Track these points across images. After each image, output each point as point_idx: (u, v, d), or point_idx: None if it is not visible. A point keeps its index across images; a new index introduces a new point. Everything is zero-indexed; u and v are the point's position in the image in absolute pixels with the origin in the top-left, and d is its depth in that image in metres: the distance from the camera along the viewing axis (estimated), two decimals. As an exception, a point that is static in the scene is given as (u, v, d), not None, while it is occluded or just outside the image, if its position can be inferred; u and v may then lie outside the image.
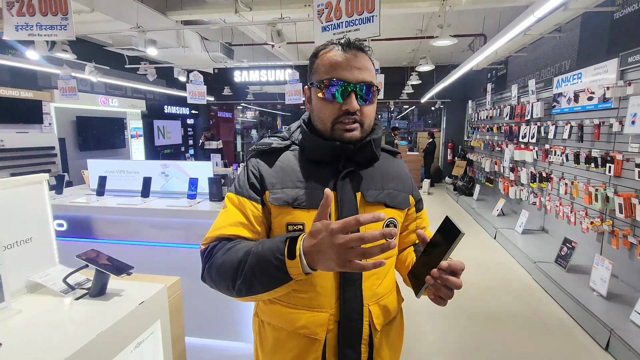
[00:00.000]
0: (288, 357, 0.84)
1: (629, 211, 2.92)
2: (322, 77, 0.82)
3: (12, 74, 5.30)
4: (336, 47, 0.83)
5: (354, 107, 0.80)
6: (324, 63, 0.83)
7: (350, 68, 0.80)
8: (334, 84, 0.80)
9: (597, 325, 2.59)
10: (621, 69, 3.08)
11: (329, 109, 0.82)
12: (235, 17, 4.22)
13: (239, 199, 0.87)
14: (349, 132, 0.83)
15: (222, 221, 0.86)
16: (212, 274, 0.80)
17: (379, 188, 0.88)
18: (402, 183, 0.94)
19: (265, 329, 0.89)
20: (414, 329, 2.76)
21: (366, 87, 0.81)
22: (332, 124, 0.83)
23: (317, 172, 0.86)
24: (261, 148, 0.91)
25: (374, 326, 0.85)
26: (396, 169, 0.96)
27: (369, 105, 0.84)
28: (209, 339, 2.32)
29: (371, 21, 2.03)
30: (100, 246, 1.54)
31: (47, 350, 0.76)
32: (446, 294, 0.73)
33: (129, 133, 7.73)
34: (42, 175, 1.09)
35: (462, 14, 5.20)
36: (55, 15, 2.57)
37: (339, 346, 0.82)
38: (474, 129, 7.91)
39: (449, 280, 0.70)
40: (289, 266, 0.68)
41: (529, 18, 2.74)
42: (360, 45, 0.83)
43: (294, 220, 0.83)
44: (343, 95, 0.80)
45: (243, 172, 0.91)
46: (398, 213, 0.91)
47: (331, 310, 0.82)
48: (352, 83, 0.80)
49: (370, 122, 0.86)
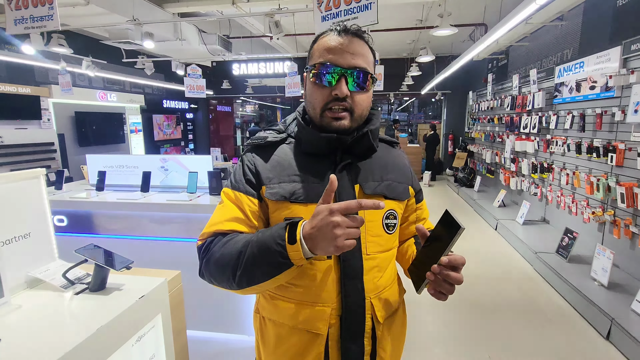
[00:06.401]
0: (290, 353, 0.83)
1: (631, 201, 2.91)
2: (315, 62, 0.81)
3: (9, 69, 5.26)
4: (333, 32, 0.81)
5: (343, 91, 0.78)
6: (319, 48, 0.82)
7: (342, 52, 0.78)
8: (325, 69, 0.78)
9: (598, 314, 2.59)
10: (624, 57, 3.04)
11: (319, 93, 0.81)
12: (232, 8, 4.16)
13: (235, 194, 0.86)
14: (337, 121, 0.81)
15: (219, 216, 0.85)
16: (210, 268, 0.79)
17: (377, 180, 0.87)
18: (401, 174, 0.93)
19: (267, 325, 0.88)
20: (415, 319, 2.77)
21: (360, 73, 0.79)
22: (321, 109, 0.82)
23: (313, 165, 0.85)
24: (256, 142, 0.89)
25: (377, 319, 0.84)
26: (395, 159, 0.95)
27: (361, 93, 0.81)
28: (210, 332, 2.33)
29: (369, 8, 2.00)
30: (101, 241, 1.54)
31: (47, 345, 0.75)
32: (447, 289, 0.73)
33: (128, 128, 7.70)
34: (39, 170, 1.08)
35: (463, 3, 5.13)
36: (44, 5, 2.58)
37: (342, 340, 0.81)
38: (475, 120, 7.87)
39: (450, 276, 0.70)
40: (289, 251, 0.68)
41: (531, 6, 2.69)
42: (357, 31, 0.81)
43: (292, 215, 0.81)
44: (333, 79, 0.78)
45: (239, 167, 0.90)
46: (398, 204, 0.90)
47: (333, 305, 0.81)
48: (343, 67, 0.78)
49: (362, 112, 0.84)
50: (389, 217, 0.87)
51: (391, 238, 0.88)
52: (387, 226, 0.86)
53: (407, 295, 0.98)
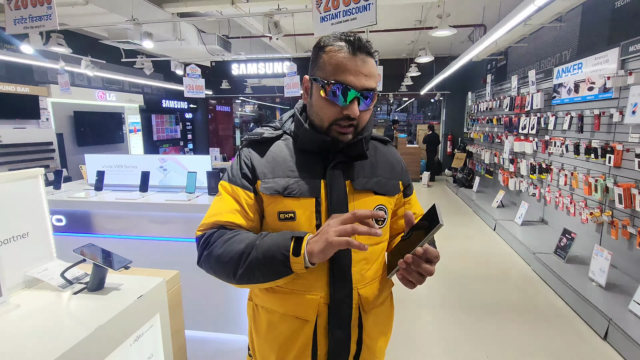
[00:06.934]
0: (280, 338, 0.87)
1: (629, 201, 2.92)
2: (328, 77, 0.80)
3: (8, 68, 5.25)
4: (346, 47, 0.80)
5: (355, 113, 0.81)
6: (332, 62, 0.81)
7: (357, 74, 0.79)
8: (340, 88, 0.79)
9: (596, 315, 2.60)
10: (622, 58, 3.05)
11: (329, 109, 0.83)
12: (231, 8, 4.16)
13: (232, 187, 0.89)
14: (343, 135, 0.85)
15: (218, 208, 0.88)
16: (211, 262, 0.83)
17: (368, 176, 0.90)
18: (392, 170, 0.96)
19: (259, 312, 0.92)
20: (414, 319, 2.78)
21: (370, 94, 0.82)
22: (329, 124, 0.84)
23: (307, 161, 0.88)
24: (253, 138, 0.92)
25: (363, 309, 0.88)
26: (386, 156, 0.98)
27: (367, 111, 0.85)
28: (208, 332, 2.33)
29: (368, 9, 2.00)
30: (99, 241, 1.54)
31: (45, 345, 0.75)
32: (417, 279, 0.77)
33: (127, 128, 7.69)
34: (37, 169, 1.08)
35: (462, 4, 5.14)
36: (42, 5, 2.59)
37: (329, 328, 0.86)
38: (474, 120, 7.88)
39: (422, 267, 0.74)
40: (292, 262, 0.74)
41: (530, 7, 2.70)
42: (369, 48, 0.82)
43: (285, 209, 0.85)
44: (346, 100, 0.80)
45: (236, 162, 0.93)
46: (387, 200, 0.93)
47: (321, 294, 0.85)
48: (357, 90, 0.80)
49: (364, 124, 0.87)
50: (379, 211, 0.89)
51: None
52: (377, 221, 0.90)
53: (406, 295, 1.00)
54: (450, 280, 3.46)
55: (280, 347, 0.87)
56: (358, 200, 0.87)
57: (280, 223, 0.85)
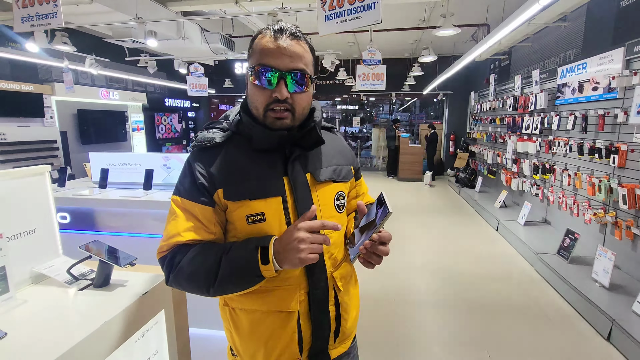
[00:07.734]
0: (266, 334, 0.88)
1: (633, 202, 2.91)
2: (254, 63, 0.82)
3: (13, 67, 5.28)
4: (269, 33, 0.82)
5: (283, 94, 0.80)
6: (257, 49, 0.82)
7: (280, 55, 0.80)
8: (265, 71, 0.80)
9: (599, 315, 2.59)
10: (627, 58, 3.04)
11: (260, 95, 0.83)
12: (235, 7, 4.17)
13: (185, 202, 0.85)
14: (280, 120, 0.84)
15: (175, 228, 0.85)
16: (180, 282, 0.83)
17: (325, 166, 0.93)
18: (343, 157, 1.00)
19: (238, 315, 0.91)
20: (415, 319, 2.78)
21: (298, 74, 0.81)
22: (264, 110, 0.84)
23: (266, 160, 0.87)
24: (203, 144, 0.88)
25: (338, 288, 0.94)
26: (336, 144, 1.01)
27: (301, 93, 0.84)
28: (213, 329, 2.33)
29: (373, 8, 1.99)
30: (104, 238, 1.54)
31: (51, 340, 0.76)
32: (376, 260, 0.86)
33: (130, 126, 7.71)
34: (44, 166, 1.09)
35: (465, 4, 5.13)
36: (48, 3, 2.60)
37: (311, 312, 0.89)
38: (477, 120, 7.85)
39: (379, 249, 0.84)
40: (262, 270, 0.78)
41: (534, 6, 2.69)
42: (294, 31, 0.82)
43: (253, 212, 0.84)
44: (273, 82, 0.80)
45: (187, 173, 0.88)
46: (345, 185, 0.98)
47: (301, 284, 0.88)
48: (282, 71, 0.80)
49: (303, 110, 0.86)
50: (339, 198, 0.95)
51: (342, 216, 0.97)
52: (338, 207, 0.94)
53: (406, 294, 1.03)
54: (452, 280, 3.45)
55: (267, 342, 0.88)
56: (320, 190, 0.90)
57: (250, 226, 0.84)
